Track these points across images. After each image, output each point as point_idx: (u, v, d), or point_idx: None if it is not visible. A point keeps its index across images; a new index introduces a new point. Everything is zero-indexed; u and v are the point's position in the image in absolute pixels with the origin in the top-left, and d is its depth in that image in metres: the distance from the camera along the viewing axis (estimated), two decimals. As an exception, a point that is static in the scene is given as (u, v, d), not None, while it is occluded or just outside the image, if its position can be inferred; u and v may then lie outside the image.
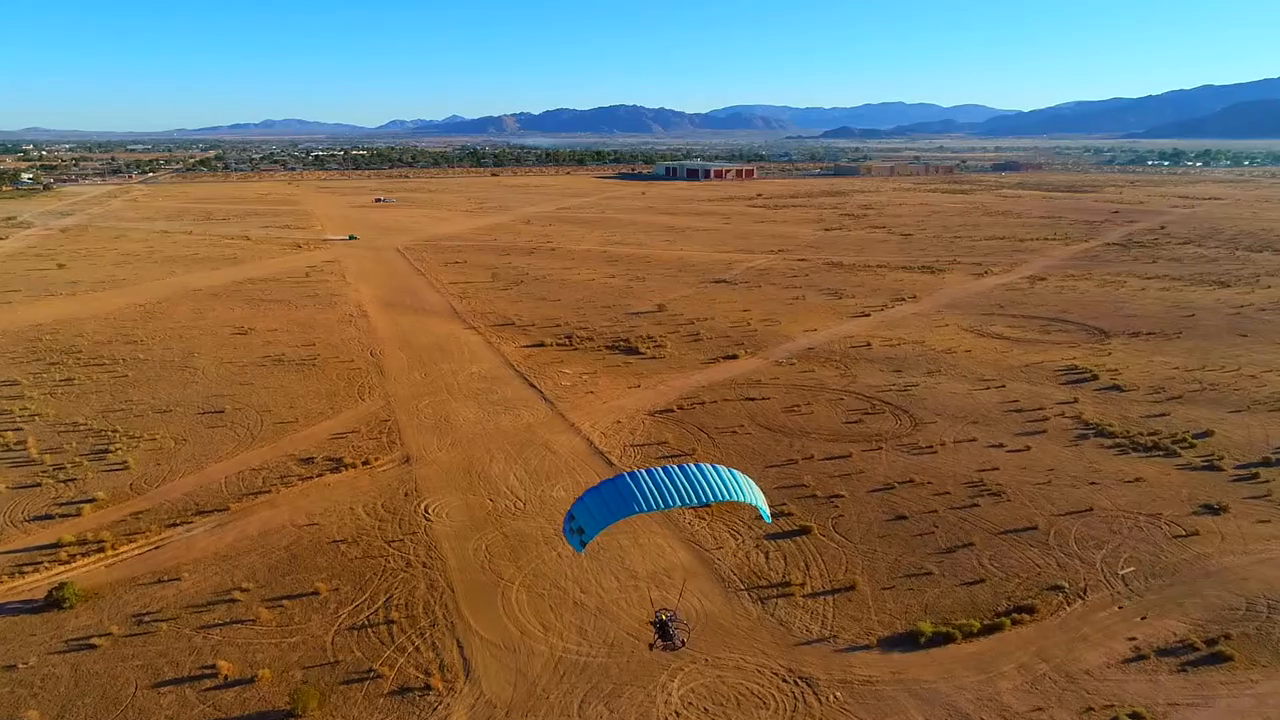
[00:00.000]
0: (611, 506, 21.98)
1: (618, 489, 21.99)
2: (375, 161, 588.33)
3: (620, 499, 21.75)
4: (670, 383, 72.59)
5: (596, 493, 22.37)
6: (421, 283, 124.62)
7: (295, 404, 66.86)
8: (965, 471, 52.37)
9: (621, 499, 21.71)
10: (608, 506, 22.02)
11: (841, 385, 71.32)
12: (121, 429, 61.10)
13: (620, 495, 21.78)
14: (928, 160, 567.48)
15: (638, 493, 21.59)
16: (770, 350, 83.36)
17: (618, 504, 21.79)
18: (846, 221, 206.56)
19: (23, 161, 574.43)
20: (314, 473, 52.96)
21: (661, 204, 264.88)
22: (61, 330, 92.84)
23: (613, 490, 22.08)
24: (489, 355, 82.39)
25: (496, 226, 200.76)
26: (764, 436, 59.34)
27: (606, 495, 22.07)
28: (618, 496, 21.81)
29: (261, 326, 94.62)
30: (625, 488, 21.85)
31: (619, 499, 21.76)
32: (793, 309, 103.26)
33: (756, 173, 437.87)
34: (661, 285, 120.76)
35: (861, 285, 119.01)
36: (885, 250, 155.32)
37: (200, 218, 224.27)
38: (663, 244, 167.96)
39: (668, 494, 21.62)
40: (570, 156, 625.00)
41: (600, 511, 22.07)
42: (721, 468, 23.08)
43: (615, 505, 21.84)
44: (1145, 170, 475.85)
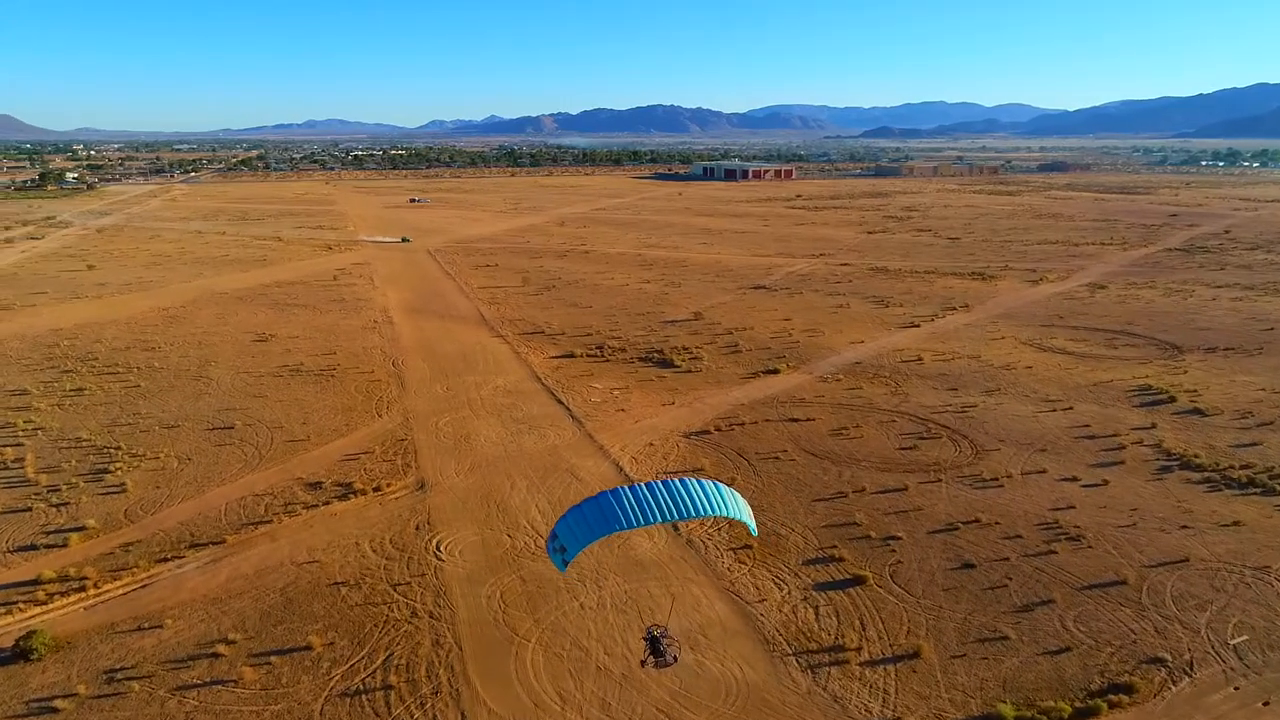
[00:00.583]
0: (593, 524, 21.55)
1: (600, 506, 21.53)
2: (413, 161, 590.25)
3: (602, 516, 21.34)
4: (707, 400, 67.73)
5: (579, 510, 21.94)
6: (450, 287, 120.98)
7: (309, 419, 63.08)
8: (1037, 510, 46.86)
9: (604, 516, 21.32)
10: (589, 524, 21.59)
11: (893, 405, 65.93)
12: (125, 445, 57.71)
13: (602, 512, 21.38)
14: (971, 160, 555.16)
15: (619, 510, 21.14)
16: (814, 364, 78.12)
17: (599, 522, 21.41)
18: (890, 224, 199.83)
19: (70, 161, 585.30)
20: (320, 500, 48.94)
21: (698, 205, 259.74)
22: (81, 335, 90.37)
23: (595, 508, 21.60)
24: (515, 367, 78.14)
25: (530, 228, 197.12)
26: (809, 464, 54.24)
27: (588, 513, 21.66)
28: (599, 514, 21.40)
29: (283, 333, 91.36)
30: (607, 505, 21.40)
31: (601, 516, 21.36)
32: (836, 318, 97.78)
33: (795, 173, 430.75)
34: (698, 291, 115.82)
35: (909, 293, 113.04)
36: (932, 255, 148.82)
37: (235, 218, 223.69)
38: (699, 247, 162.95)
39: (649, 510, 21.21)
40: (607, 156, 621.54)
41: (582, 529, 21.67)
42: (706, 481, 22.53)
43: (597, 523, 21.46)
44: (1200, 171, 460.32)
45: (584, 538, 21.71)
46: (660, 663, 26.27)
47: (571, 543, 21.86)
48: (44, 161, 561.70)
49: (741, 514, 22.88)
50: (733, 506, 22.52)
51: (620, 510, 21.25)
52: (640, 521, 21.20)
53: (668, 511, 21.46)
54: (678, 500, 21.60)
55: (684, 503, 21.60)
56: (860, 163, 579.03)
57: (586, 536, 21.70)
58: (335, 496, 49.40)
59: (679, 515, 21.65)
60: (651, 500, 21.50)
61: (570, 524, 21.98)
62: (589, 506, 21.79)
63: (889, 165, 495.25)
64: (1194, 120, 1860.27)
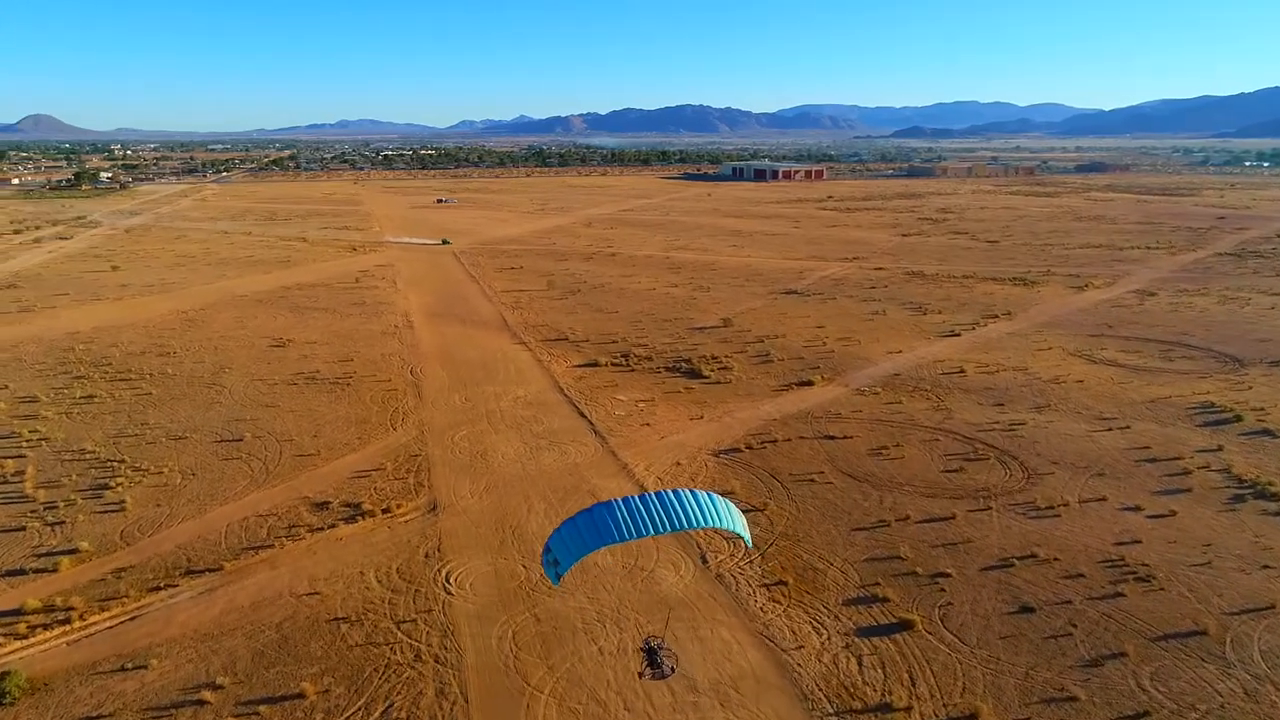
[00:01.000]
0: (586, 537, 21.38)
1: (593, 519, 21.40)
2: (442, 161, 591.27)
3: (595, 529, 21.19)
4: (737, 414, 64.22)
5: (572, 524, 21.75)
6: (474, 290, 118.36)
7: (320, 432, 60.42)
8: (1100, 544, 42.88)
9: (596, 530, 21.17)
10: (582, 537, 21.42)
11: (935, 422, 62.00)
12: (129, 459, 55.35)
13: (595, 525, 21.23)
14: (1006, 161, 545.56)
15: (612, 522, 21.02)
16: (850, 375, 74.30)
17: (592, 535, 21.24)
18: (925, 226, 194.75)
19: (107, 161, 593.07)
20: (326, 522, 46.11)
21: (727, 206, 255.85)
22: (97, 339, 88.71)
23: (588, 520, 21.47)
24: (537, 376, 75.10)
25: (556, 229, 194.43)
26: (848, 487, 50.57)
27: (581, 526, 21.50)
28: (592, 526, 21.24)
29: (300, 338, 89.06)
30: (600, 517, 21.26)
31: (594, 529, 21.21)
32: (872, 326, 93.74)
33: (826, 173, 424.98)
34: (727, 296, 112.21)
35: (948, 299, 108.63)
36: (970, 258, 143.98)
37: (263, 218, 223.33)
38: (729, 249, 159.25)
39: (642, 523, 21.00)
40: (635, 156, 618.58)
41: (575, 543, 21.51)
42: (700, 492, 22.20)
43: (590, 536, 21.30)
44: (1244, 171, 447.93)
45: (577, 551, 21.48)
46: (657, 674, 25.88)
47: (564, 556, 21.66)
48: (81, 161, 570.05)
49: (736, 526, 22.42)
50: (726, 518, 22.11)
51: (613, 523, 21.03)
52: (632, 534, 20.94)
53: (661, 524, 21.10)
54: (671, 512, 21.31)
55: (677, 515, 21.30)
56: (892, 163, 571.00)
57: (579, 550, 21.47)
58: (342, 518, 46.55)
59: (672, 528, 21.24)
60: (645, 513, 21.20)
61: (563, 537, 21.77)
62: (582, 519, 21.56)
63: (922, 165, 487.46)
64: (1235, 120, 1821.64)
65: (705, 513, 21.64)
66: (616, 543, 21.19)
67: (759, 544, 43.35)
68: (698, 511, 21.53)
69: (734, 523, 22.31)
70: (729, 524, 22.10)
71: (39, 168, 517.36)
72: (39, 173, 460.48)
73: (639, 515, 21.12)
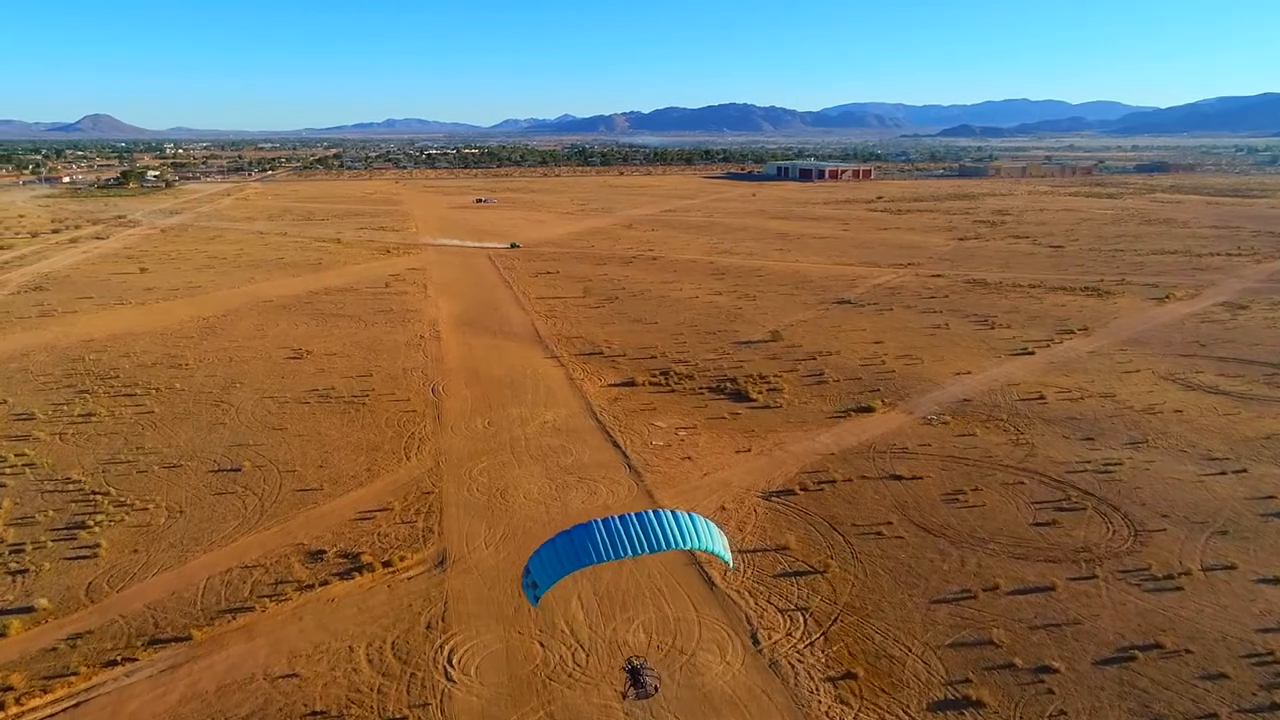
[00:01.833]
0: (564, 559, 21.48)
1: (572, 541, 21.42)
2: (485, 160, 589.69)
3: (574, 551, 21.30)
4: (790, 446, 57.24)
5: (551, 546, 21.83)
6: (506, 296, 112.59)
7: (327, 461, 54.73)
8: (1239, 630, 35.26)
9: (575, 551, 21.27)
10: (561, 559, 21.53)
11: (1017, 460, 54.42)
12: (115, 490, 50.14)
13: (574, 547, 21.31)
14: (1061, 160, 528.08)
15: (591, 544, 21.03)
16: (914, 400, 66.88)
17: (570, 557, 21.34)
18: (982, 229, 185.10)
19: (158, 160, 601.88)
20: (319, 577, 40.19)
21: (773, 207, 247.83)
22: (111, 348, 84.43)
23: (567, 542, 21.50)
24: (568, 396, 68.80)
25: (596, 231, 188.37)
26: (922, 543, 43.41)
27: (560, 548, 21.59)
28: (571, 549, 21.34)
29: (320, 349, 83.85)
30: (580, 539, 21.29)
31: (572, 551, 21.30)
32: (935, 342, 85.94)
33: (874, 173, 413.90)
34: (775, 306, 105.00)
35: (1015, 311, 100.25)
36: (1034, 265, 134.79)
37: (300, 218, 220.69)
38: (775, 254, 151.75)
39: (621, 544, 21.00)
40: (678, 155, 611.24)
41: (553, 565, 21.58)
42: (681, 513, 21.99)
43: (568, 558, 21.39)
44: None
45: (555, 573, 21.53)
46: (641, 694, 25.70)
47: (543, 578, 21.70)
48: (132, 160, 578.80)
49: (715, 547, 22.21)
50: (706, 538, 21.96)
51: (592, 545, 21.02)
52: (612, 555, 20.88)
53: (640, 545, 21.12)
54: (650, 534, 21.27)
55: (656, 536, 21.28)
56: (942, 162, 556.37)
57: (558, 571, 21.52)
58: (337, 573, 40.61)
59: (652, 548, 21.26)
60: (624, 534, 21.21)
61: (543, 559, 21.78)
62: (561, 541, 21.67)
63: (973, 165, 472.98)
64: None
65: (685, 534, 21.42)
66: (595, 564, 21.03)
67: (821, 619, 36.47)
68: (677, 532, 21.33)
69: (714, 543, 21.96)
70: (709, 545, 21.75)
71: (92, 166, 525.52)
72: (91, 171, 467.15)
73: (618, 537, 20.99)
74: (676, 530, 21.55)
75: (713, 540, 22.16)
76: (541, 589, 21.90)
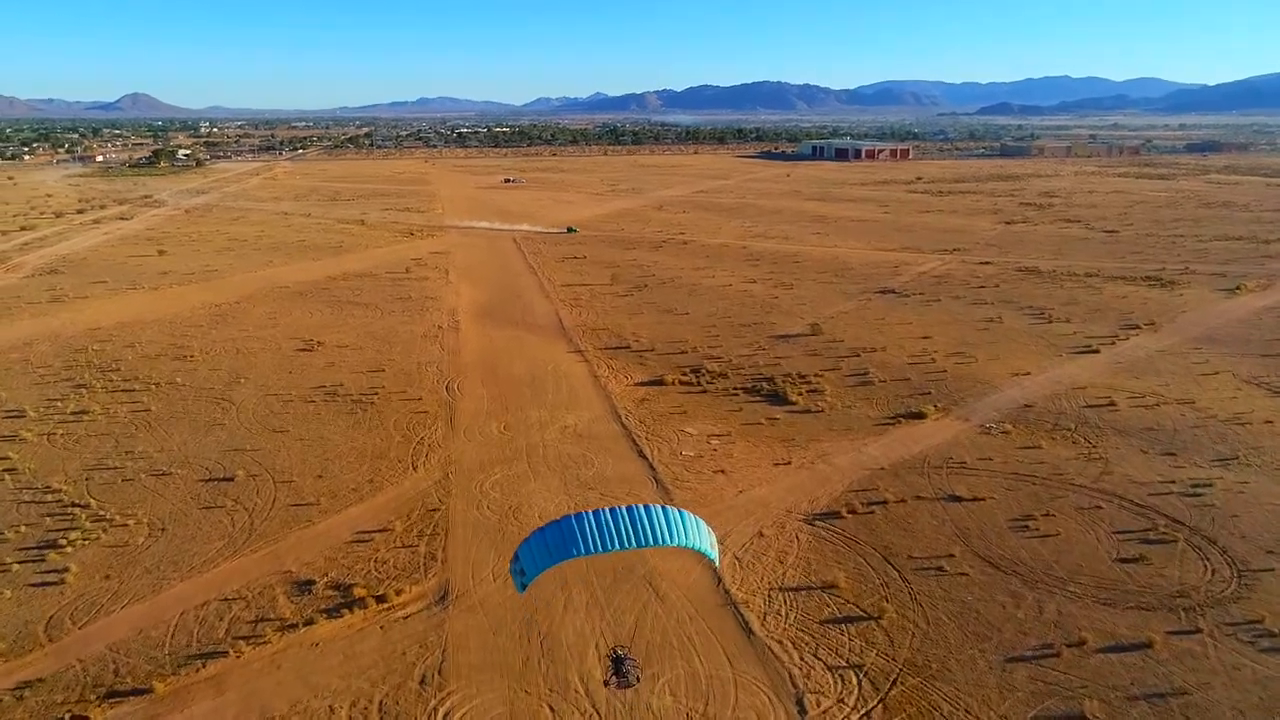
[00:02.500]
0: (553, 549, 21.40)
1: (561, 531, 21.35)
2: (515, 139, 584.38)
3: (562, 542, 21.26)
4: (834, 459, 51.81)
5: (541, 535, 21.72)
6: (531, 284, 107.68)
7: (327, 470, 50.26)
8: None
9: (563, 542, 21.25)
10: (549, 549, 21.47)
11: (1090, 478, 48.56)
12: (96, 502, 46.06)
13: (563, 538, 21.25)
14: (1106, 140, 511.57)
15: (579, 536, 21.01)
16: (969, 405, 61.03)
17: (559, 547, 21.29)
18: (1029, 212, 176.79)
19: (191, 138, 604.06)
20: (304, 614, 35.64)
21: (809, 188, 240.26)
22: (117, 337, 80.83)
23: (556, 533, 21.41)
24: (592, 397, 63.79)
25: (625, 213, 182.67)
26: (990, 582, 37.93)
27: (550, 538, 21.49)
28: (560, 539, 21.27)
29: (332, 340, 79.58)
30: (569, 530, 21.21)
31: (561, 542, 21.26)
32: (988, 337, 79.69)
33: (912, 153, 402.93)
34: (814, 295, 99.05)
35: (1073, 303, 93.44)
36: (1088, 252, 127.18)
37: (326, 198, 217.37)
38: (812, 238, 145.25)
39: (609, 538, 21.03)
40: (711, 134, 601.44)
41: (541, 554, 21.57)
42: (670, 509, 21.95)
43: (556, 548, 21.33)
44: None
45: (543, 562, 21.61)
46: (622, 683, 25.92)
47: (530, 566, 21.79)
48: (166, 139, 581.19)
49: (704, 545, 22.20)
50: (694, 536, 22.00)
51: (581, 536, 21.05)
52: (599, 549, 21.00)
53: (628, 539, 21.14)
54: (639, 529, 21.25)
55: (645, 532, 21.27)
56: (982, 142, 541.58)
57: (545, 560, 21.58)
58: (325, 608, 36.03)
59: (640, 544, 21.33)
60: (613, 528, 21.16)
61: (532, 548, 21.83)
62: (551, 531, 21.62)
63: (1015, 144, 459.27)
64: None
65: (674, 530, 21.64)
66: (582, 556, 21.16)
67: (877, 681, 31.24)
68: (665, 529, 21.51)
69: (701, 541, 22.14)
70: (696, 543, 21.94)
71: (127, 144, 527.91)
72: (125, 149, 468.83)
73: (608, 530, 21.15)
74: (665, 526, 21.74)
75: (700, 538, 22.32)
76: (529, 577, 22.16)
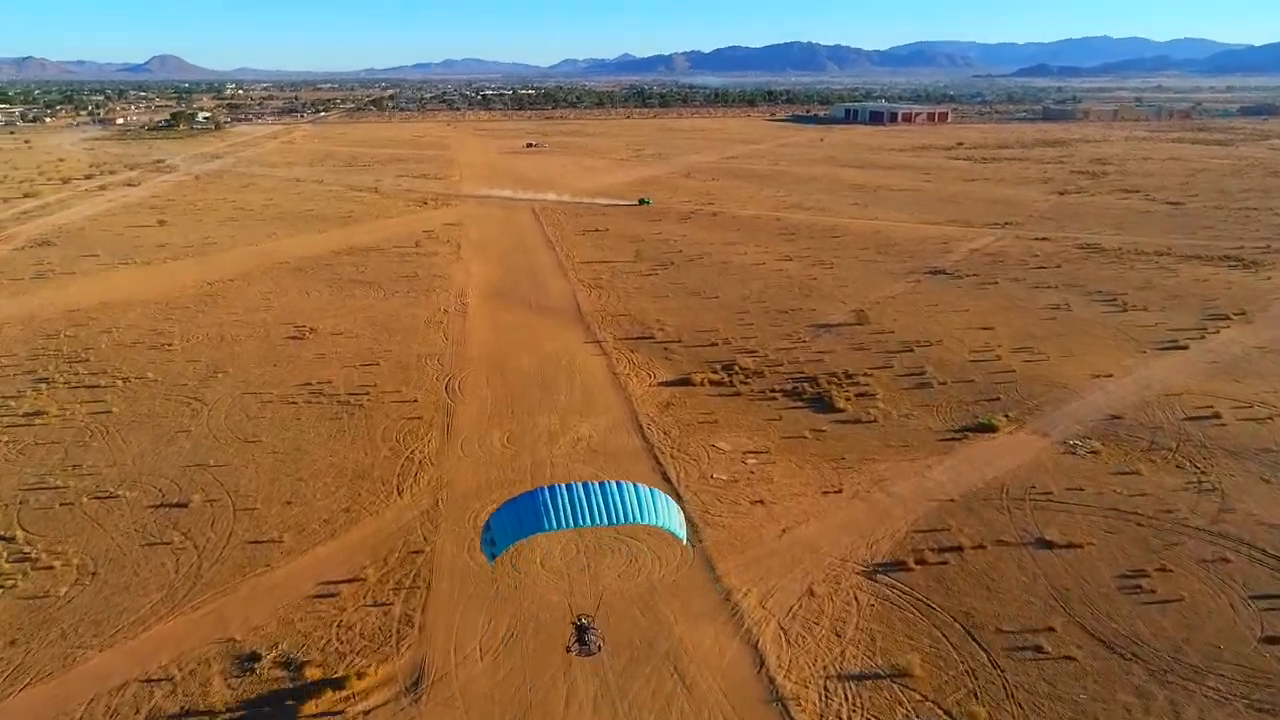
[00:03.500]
0: (525, 521, 22.04)
1: (535, 503, 21.97)
2: (540, 102, 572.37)
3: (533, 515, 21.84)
4: (893, 485, 43.80)
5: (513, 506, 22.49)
6: (548, 260, 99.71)
7: (297, 496, 43.03)
8: None
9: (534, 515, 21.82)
10: (521, 522, 22.10)
11: (1207, 518, 40.19)
12: (25, 533, 39.21)
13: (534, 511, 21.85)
14: (1154, 103, 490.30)
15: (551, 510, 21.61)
16: (1046, 415, 52.58)
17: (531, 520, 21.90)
18: (1082, 181, 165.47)
19: (215, 101, 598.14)
20: (236, 706, 28.48)
21: (844, 153, 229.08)
22: (94, 321, 74.13)
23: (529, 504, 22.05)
24: (610, 400, 56.01)
25: (652, 180, 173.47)
26: (1105, 671, 29.96)
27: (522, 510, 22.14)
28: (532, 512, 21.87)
29: (327, 326, 72.36)
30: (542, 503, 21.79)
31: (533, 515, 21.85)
32: (1057, 328, 70.78)
33: (950, 116, 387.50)
34: (856, 276, 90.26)
35: (1147, 287, 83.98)
36: (1154, 226, 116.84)
37: (342, 164, 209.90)
38: (851, 209, 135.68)
39: (580, 513, 21.60)
40: (740, 97, 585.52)
41: (513, 526, 22.22)
42: (643, 487, 22.71)
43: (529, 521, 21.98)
44: None
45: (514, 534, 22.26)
46: (584, 651, 26.21)
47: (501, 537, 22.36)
48: (190, 101, 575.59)
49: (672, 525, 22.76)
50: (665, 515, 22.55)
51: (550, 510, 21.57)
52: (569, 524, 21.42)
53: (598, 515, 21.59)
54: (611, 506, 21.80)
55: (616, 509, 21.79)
56: (1022, 104, 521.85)
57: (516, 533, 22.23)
58: (267, 695, 28.86)
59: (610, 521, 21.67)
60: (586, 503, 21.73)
61: (503, 519, 22.44)
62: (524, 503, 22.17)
63: (1058, 108, 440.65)
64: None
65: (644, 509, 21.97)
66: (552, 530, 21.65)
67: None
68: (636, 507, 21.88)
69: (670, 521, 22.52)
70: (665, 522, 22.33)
71: (151, 107, 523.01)
72: (148, 112, 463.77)
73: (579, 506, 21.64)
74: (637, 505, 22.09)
75: (670, 518, 22.80)
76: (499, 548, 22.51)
